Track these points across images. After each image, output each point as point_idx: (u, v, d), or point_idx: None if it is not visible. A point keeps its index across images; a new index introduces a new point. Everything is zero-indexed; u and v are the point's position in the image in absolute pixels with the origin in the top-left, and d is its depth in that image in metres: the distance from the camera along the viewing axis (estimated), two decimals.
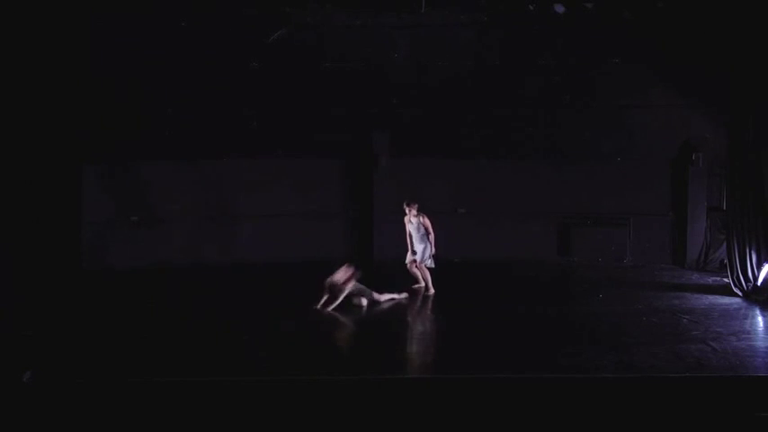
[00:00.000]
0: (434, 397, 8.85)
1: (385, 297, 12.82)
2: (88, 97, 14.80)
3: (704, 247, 15.91)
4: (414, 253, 13.44)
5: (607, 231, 16.55)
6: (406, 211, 13.48)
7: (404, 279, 13.64)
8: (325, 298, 12.23)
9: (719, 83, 13.79)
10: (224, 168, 16.34)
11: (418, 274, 13.57)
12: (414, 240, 13.45)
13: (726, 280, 13.96)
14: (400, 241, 13.65)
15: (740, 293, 13.28)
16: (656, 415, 8.50)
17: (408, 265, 13.57)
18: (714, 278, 14.79)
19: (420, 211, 13.47)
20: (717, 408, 8.56)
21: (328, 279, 12.26)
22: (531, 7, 14.45)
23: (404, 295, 13.11)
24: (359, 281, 12.47)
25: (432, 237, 13.41)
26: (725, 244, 14.60)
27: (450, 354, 10.29)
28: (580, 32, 14.91)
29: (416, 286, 13.60)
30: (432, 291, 13.47)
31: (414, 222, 13.43)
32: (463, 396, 8.81)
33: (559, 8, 14.32)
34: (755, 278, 13.09)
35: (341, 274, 12.29)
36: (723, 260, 14.87)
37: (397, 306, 12.82)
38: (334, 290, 12.21)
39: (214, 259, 15.86)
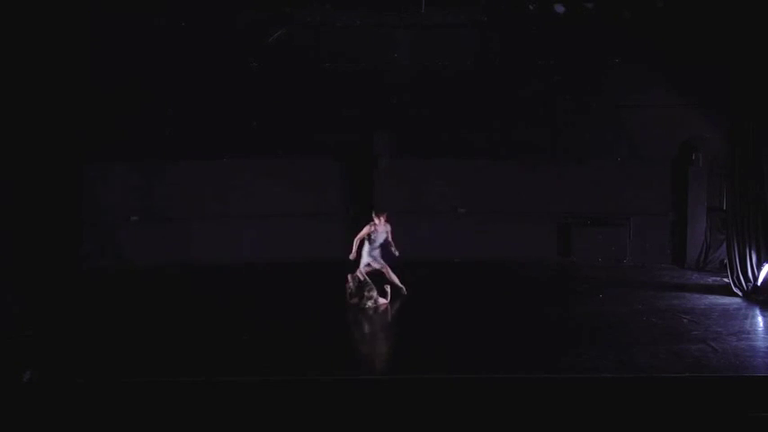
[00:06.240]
0: (434, 397, 8.85)
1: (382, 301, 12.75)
2: (88, 97, 14.82)
3: (704, 247, 15.87)
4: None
5: (607, 231, 16.52)
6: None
7: (404, 279, 13.62)
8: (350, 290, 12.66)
9: (719, 83, 13.77)
10: (224, 168, 16.34)
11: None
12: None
13: (726, 280, 13.95)
14: (400, 241, 13.62)
15: (740, 293, 13.27)
16: (656, 415, 8.51)
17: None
18: (714, 278, 14.77)
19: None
20: (717, 408, 8.57)
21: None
22: (531, 7, 14.45)
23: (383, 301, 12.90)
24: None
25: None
26: (725, 244, 14.58)
27: (449, 354, 10.26)
28: (580, 32, 14.90)
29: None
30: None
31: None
32: (463, 396, 8.82)
33: (559, 8, 14.32)
34: (755, 278, 13.10)
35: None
36: (723, 260, 14.84)
37: (394, 306, 12.82)
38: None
39: (214, 259, 15.85)
